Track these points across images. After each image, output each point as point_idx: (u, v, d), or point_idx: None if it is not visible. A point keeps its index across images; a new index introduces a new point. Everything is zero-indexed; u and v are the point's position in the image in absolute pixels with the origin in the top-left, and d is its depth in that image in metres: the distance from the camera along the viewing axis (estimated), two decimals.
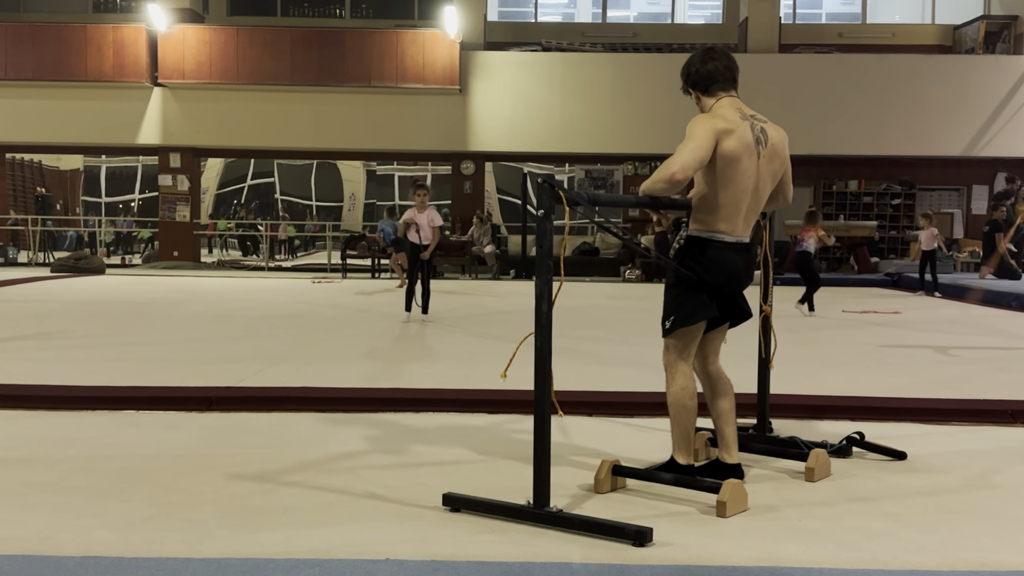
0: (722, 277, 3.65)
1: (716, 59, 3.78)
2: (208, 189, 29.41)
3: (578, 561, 2.86)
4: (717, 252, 3.63)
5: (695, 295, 3.66)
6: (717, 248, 3.63)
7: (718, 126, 3.56)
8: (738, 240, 3.66)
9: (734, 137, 3.56)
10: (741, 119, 3.63)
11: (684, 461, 3.70)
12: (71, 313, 10.24)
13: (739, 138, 3.57)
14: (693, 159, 3.47)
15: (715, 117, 3.62)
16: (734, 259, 3.66)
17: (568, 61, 19.38)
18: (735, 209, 3.61)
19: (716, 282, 3.65)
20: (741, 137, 3.58)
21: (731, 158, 3.55)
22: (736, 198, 3.59)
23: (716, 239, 3.63)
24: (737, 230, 3.65)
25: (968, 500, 3.61)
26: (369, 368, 6.53)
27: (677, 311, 3.68)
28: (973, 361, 7.29)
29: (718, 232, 3.62)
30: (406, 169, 31.67)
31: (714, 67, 3.75)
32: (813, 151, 19.23)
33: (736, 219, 3.63)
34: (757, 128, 3.67)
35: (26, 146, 21.46)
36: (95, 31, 18.95)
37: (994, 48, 20.49)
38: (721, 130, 3.55)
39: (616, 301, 12.31)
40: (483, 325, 9.67)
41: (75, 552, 2.89)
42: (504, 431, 4.71)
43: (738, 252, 3.67)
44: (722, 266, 3.64)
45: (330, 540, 3.03)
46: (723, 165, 3.55)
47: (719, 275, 3.65)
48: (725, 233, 3.62)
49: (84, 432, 4.58)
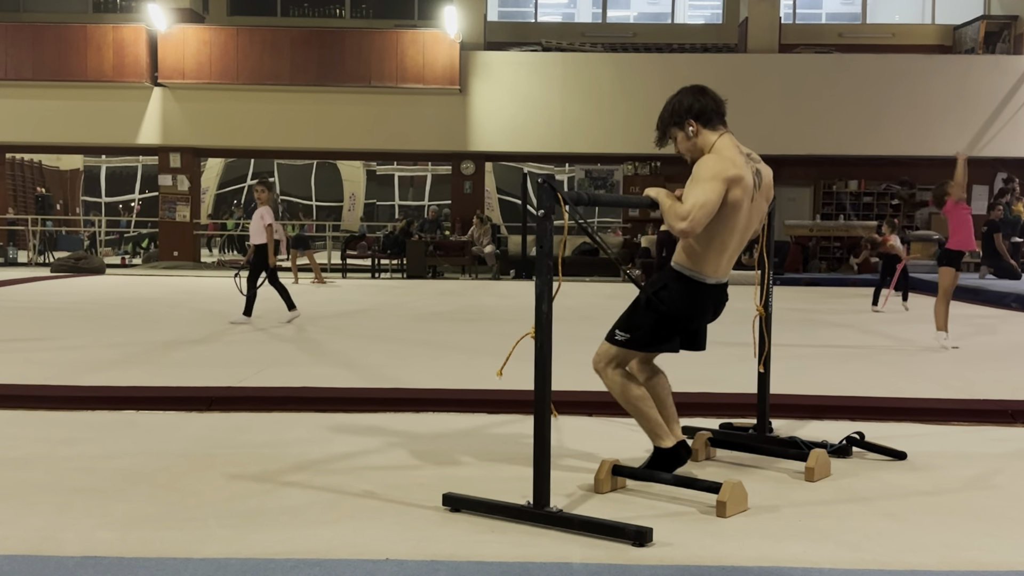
0: (692, 315, 3.71)
1: (710, 94, 3.73)
2: (208, 189, 29.42)
3: (578, 561, 2.86)
4: (695, 291, 3.66)
5: (660, 326, 3.68)
6: (696, 287, 3.66)
7: (729, 173, 3.51)
8: (718, 281, 3.70)
9: (741, 186, 3.54)
10: (745, 162, 3.61)
11: (668, 444, 3.71)
12: (71, 313, 10.24)
13: (744, 186, 3.55)
14: (704, 215, 3.46)
15: (725, 161, 3.55)
16: (709, 299, 3.71)
17: (568, 61, 19.38)
18: (723, 251, 3.64)
19: (684, 318, 3.69)
20: (746, 185, 3.56)
21: (734, 205, 3.56)
22: (727, 241, 3.63)
23: (697, 279, 3.65)
24: (720, 271, 3.69)
25: (968, 500, 3.61)
26: (369, 368, 6.52)
27: (635, 333, 3.69)
28: (973, 361, 7.29)
29: (702, 273, 3.65)
30: (406, 169, 31.68)
31: (711, 100, 3.70)
32: (813, 151, 19.24)
33: (722, 260, 3.67)
34: (753, 170, 3.66)
35: (26, 146, 21.47)
36: (95, 31, 18.95)
37: (994, 48, 20.49)
38: (731, 178, 3.51)
39: (616, 301, 12.28)
40: (483, 325, 9.67)
41: (75, 552, 2.89)
42: (504, 431, 4.71)
43: (715, 292, 3.71)
44: (696, 306, 3.69)
45: (330, 540, 3.03)
46: (725, 212, 3.55)
47: (690, 313, 3.69)
48: (708, 275, 3.66)
49: (84, 432, 4.58)
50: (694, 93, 3.72)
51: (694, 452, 4.13)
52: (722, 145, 3.62)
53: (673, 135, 3.75)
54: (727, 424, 4.62)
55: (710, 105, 3.68)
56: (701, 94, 3.71)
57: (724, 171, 3.51)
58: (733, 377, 5.64)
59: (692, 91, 3.74)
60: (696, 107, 3.68)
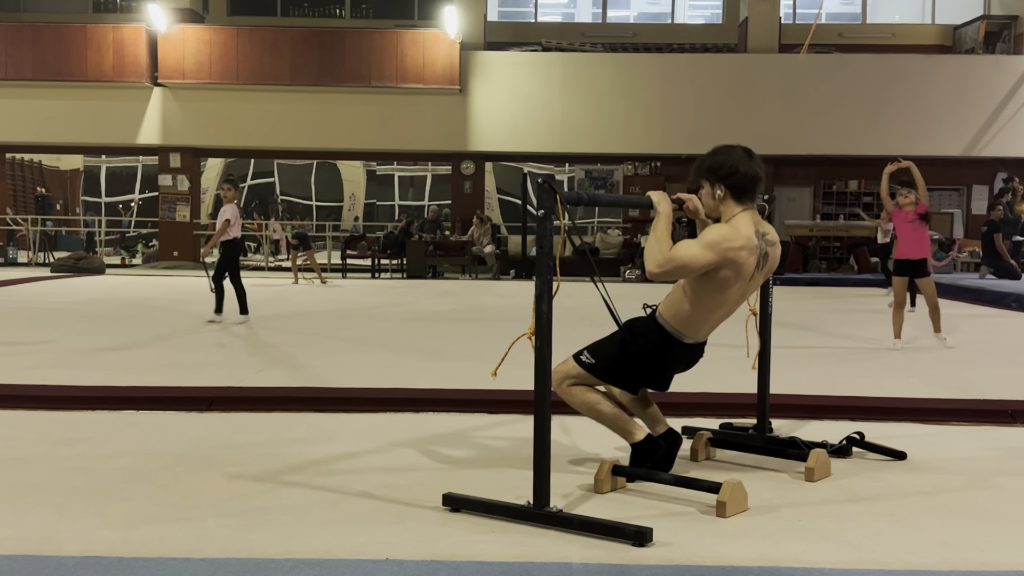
0: (662, 368, 3.75)
1: (753, 167, 3.65)
2: (208, 189, 29.41)
3: (578, 561, 2.86)
4: (671, 348, 3.70)
5: (627, 367, 3.72)
6: (673, 344, 3.69)
7: (730, 251, 3.52)
8: (696, 342, 3.74)
9: (734, 267, 3.55)
10: (756, 245, 3.60)
11: (639, 437, 3.74)
12: (71, 313, 10.24)
13: (739, 269, 3.56)
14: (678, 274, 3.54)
15: (733, 238, 3.54)
16: (682, 358, 3.76)
17: (568, 61, 19.38)
18: (710, 317, 3.68)
19: (653, 368, 3.74)
20: (742, 269, 3.57)
21: (721, 282, 3.58)
22: (716, 311, 3.67)
23: (677, 337, 3.68)
24: (701, 333, 3.73)
25: (968, 500, 3.61)
26: (369, 368, 6.52)
27: (601, 363, 3.72)
28: (973, 361, 7.29)
29: (683, 333, 3.68)
30: (406, 169, 31.67)
31: (751, 177, 3.63)
32: (813, 151, 19.24)
33: (707, 324, 3.71)
34: (762, 252, 3.65)
35: (26, 146, 21.47)
36: (95, 31, 18.96)
37: (994, 48, 20.49)
38: (729, 256, 3.52)
39: (616, 301, 12.24)
40: (483, 325, 9.67)
41: (75, 552, 2.89)
42: (504, 431, 4.71)
43: (691, 351, 3.76)
44: (667, 362, 3.74)
45: (330, 540, 3.03)
46: (715, 285, 3.58)
47: (660, 366, 3.74)
48: (689, 336, 3.69)
49: (84, 432, 4.58)
50: (738, 160, 3.64)
51: (694, 452, 4.13)
52: (740, 222, 3.60)
53: (702, 185, 3.72)
54: (727, 424, 4.62)
55: (748, 183, 3.63)
56: (744, 163, 3.64)
57: (726, 246, 3.52)
58: (733, 377, 5.64)
59: (738, 157, 3.65)
60: (733, 179, 3.63)
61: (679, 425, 4.68)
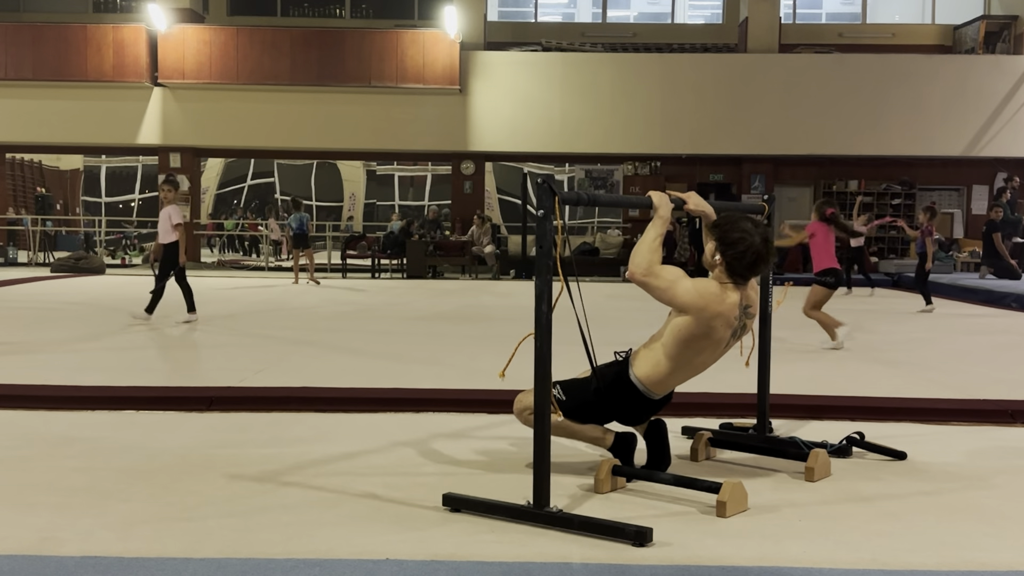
0: (627, 418, 3.86)
1: (765, 262, 3.70)
2: (208, 189, 29.42)
3: (578, 561, 2.86)
4: (638, 403, 3.79)
5: (594, 409, 3.81)
6: (641, 400, 3.78)
7: (710, 311, 3.58)
8: (662, 397, 3.82)
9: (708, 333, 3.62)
10: (735, 315, 3.66)
11: (611, 441, 3.83)
12: (71, 313, 10.24)
13: (711, 335, 3.64)
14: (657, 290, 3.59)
15: (720, 301, 3.61)
16: (648, 411, 3.85)
17: (568, 61, 19.38)
18: (680, 378, 3.79)
19: (619, 416, 3.85)
20: (715, 336, 3.64)
21: (699, 349, 3.66)
22: (687, 374, 3.79)
23: (646, 395, 3.76)
24: (667, 389, 3.81)
25: (968, 500, 3.61)
26: (369, 368, 6.53)
27: (570, 402, 3.77)
28: (973, 361, 7.29)
29: (652, 392, 3.76)
30: (406, 169, 31.69)
31: (757, 269, 3.70)
32: (813, 151, 19.25)
33: (674, 381, 3.79)
34: (740, 322, 3.71)
35: (26, 146, 21.47)
36: (95, 31, 18.96)
37: (994, 48, 20.49)
38: (710, 312, 3.58)
39: (616, 301, 12.29)
40: (483, 325, 9.67)
41: (75, 552, 2.89)
42: (504, 431, 4.71)
43: (657, 404, 3.84)
44: (632, 414, 3.84)
45: (330, 540, 3.03)
46: (690, 353, 3.66)
47: (624, 417, 3.85)
48: (657, 394, 3.78)
49: (84, 432, 4.58)
50: (750, 248, 3.65)
51: (694, 452, 4.14)
52: (730, 291, 3.66)
53: (711, 240, 3.74)
54: (727, 424, 4.62)
55: (745, 271, 3.67)
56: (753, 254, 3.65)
57: (713, 305, 3.59)
58: (733, 377, 5.63)
59: (753, 245, 3.66)
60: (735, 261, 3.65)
61: (679, 425, 4.69)
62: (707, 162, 19.97)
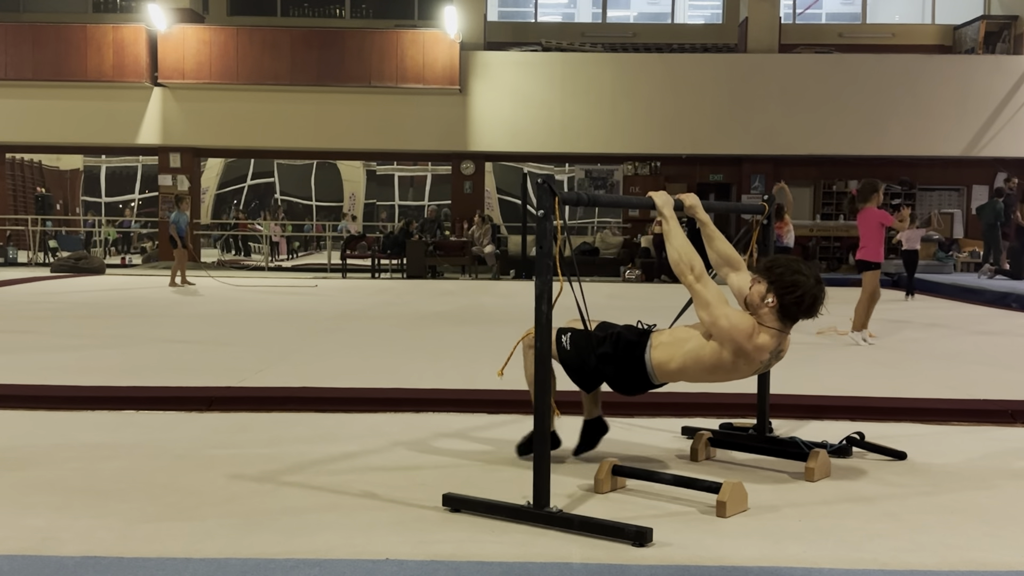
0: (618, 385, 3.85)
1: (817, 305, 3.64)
2: (208, 189, 29.40)
3: (578, 561, 2.86)
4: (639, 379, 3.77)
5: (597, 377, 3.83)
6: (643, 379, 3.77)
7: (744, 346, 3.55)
8: (661, 383, 3.85)
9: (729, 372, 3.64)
10: (764, 358, 3.65)
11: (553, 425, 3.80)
12: (71, 313, 10.24)
13: (732, 372, 3.65)
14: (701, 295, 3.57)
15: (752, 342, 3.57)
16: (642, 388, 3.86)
17: (568, 61, 19.38)
18: (683, 380, 3.79)
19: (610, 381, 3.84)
20: (734, 371, 3.65)
21: (713, 374, 3.67)
22: (691, 381, 3.79)
23: (649, 375, 3.75)
24: (669, 381, 3.83)
25: (968, 500, 3.61)
26: (369, 368, 6.52)
27: (573, 362, 3.78)
28: (973, 361, 7.29)
29: (656, 376, 3.75)
30: (406, 169, 31.67)
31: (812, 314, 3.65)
32: (813, 151, 19.26)
33: (677, 381, 3.82)
34: (765, 364, 3.70)
35: (26, 146, 21.47)
36: (95, 31, 18.96)
37: (994, 48, 20.50)
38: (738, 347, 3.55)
39: (616, 301, 12.29)
40: (483, 325, 9.67)
41: (75, 552, 2.89)
42: (504, 431, 4.70)
43: (652, 387, 3.86)
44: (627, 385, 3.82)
45: (330, 540, 3.03)
46: (704, 374, 3.67)
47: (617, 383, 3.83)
48: (660, 380, 3.79)
49: (84, 432, 4.58)
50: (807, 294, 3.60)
51: (694, 452, 4.15)
52: (768, 335, 3.60)
53: (762, 280, 3.65)
54: (727, 424, 4.62)
55: (797, 315, 3.63)
56: (810, 301, 3.61)
57: (738, 338, 3.54)
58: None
59: (812, 291, 3.60)
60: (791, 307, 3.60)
61: (679, 425, 4.69)
62: (707, 162, 19.97)
